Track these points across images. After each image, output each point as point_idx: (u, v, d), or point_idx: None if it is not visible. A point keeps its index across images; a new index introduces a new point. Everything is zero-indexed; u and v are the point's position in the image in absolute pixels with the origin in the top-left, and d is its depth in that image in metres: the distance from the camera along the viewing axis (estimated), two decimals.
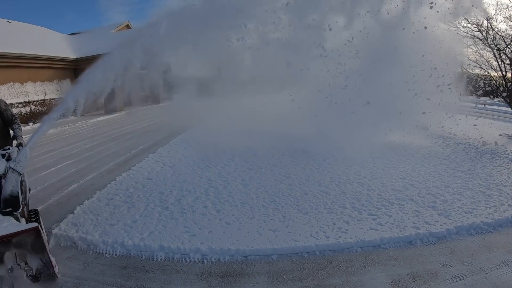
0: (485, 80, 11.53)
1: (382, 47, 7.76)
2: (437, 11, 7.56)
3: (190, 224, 4.13)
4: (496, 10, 10.60)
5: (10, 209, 3.05)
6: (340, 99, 7.59)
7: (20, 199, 3.11)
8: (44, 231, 3.10)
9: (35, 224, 2.87)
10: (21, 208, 3.14)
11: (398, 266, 3.26)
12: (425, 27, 7.49)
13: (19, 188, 3.13)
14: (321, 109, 8.26)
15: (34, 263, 2.84)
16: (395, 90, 7.42)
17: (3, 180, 3.07)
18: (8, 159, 3.25)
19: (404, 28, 7.48)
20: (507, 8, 10.59)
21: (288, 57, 8.19)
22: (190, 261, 3.42)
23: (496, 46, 10.48)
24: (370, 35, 7.73)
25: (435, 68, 7.70)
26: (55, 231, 3.97)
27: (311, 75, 8.62)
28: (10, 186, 3.05)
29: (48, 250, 2.75)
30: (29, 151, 3.27)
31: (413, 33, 7.46)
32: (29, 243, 2.82)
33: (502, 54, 10.48)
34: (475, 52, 11.35)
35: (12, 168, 3.07)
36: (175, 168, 6.78)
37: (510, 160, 7.16)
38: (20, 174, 3.13)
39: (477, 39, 10.93)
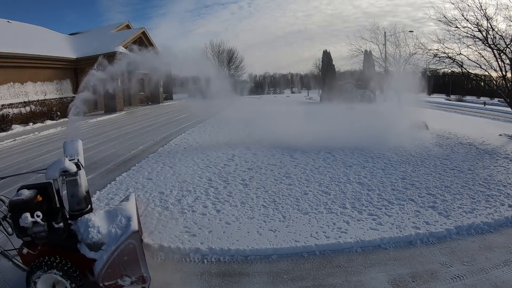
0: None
1: None
2: None
3: (190, 224, 4.13)
4: (496, 10, 10.59)
5: (90, 205, 2.92)
6: None
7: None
8: None
9: (132, 194, 3.26)
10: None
11: (398, 266, 3.25)
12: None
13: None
14: None
15: None
16: None
17: (77, 178, 2.82)
18: None
19: None
20: (507, 8, 10.58)
21: None
22: (190, 261, 3.42)
23: (496, 46, 10.47)
24: None
25: None
26: None
27: None
28: (83, 182, 2.88)
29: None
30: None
31: None
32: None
33: (502, 54, 10.47)
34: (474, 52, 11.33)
35: (80, 163, 2.88)
36: (175, 168, 6.78)
37: (510, 160, 7.16)
38: (83, 167, 2.92)
39: (477, 39, 10.92)
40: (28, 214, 2.50)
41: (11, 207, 2.53)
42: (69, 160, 2.83)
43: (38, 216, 2.54)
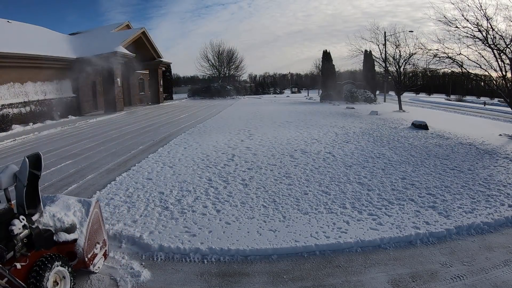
0: None
1: None
2: None
3: (190, 224, 4.13)
4: (496, 10, 10.60)
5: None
6: None
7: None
8: None
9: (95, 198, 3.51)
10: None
11: (398, 266, 3.25)
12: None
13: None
14: None
15: None
16: None
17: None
18: None
19: None
20: (507, 8, 10.58)
21: None
22: (190, 261, 3.41)
23: (496, 46, 10.47)
24: None
25: None
26: None
27: None
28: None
29: None
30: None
31: None
32: None
33: (502, 54, 10.47)
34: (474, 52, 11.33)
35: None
36: (175, 168, 6.78)
37: (510, 160, 7.16)
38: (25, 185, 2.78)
39: (477, 39, 10.92)
40: (16, 220, 2.46)
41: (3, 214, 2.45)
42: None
43: (23, 219, 2.50)
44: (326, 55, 32.30)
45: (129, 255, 3.51)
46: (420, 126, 11.72)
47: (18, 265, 2.42)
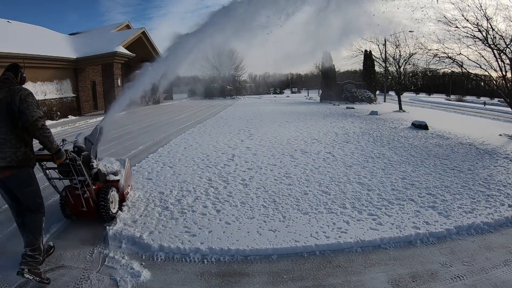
0: None
1: None
2: None
3: (190, 224, 4.13)
4: (495, 10, 10.61)
5: None
6: None
7: None
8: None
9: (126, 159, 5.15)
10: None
11: (398, 266, 3.25)
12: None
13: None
14: None
15: None
16: None
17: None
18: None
19: None
20: (507, 8, 10.59)
21: None
22: (190, 261, 3.41)
23: (496, 46, 10.48)
24: None
25: None
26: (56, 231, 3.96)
27: None
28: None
29: None
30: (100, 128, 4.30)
31: None
32: None
33: (502, 54, 10.47)
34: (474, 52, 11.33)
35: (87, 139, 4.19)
36: (175, 168, 6.78)
37: (510, 160, 7.16)
38: (92, 144, 4.14)
39: (477, 39, 10.93)
40: (94, 160, 4.07)
41: (85, 157, 3.82)
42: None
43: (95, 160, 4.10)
44: (326, 55, 32.28)
45: (129, 255, 3.51)
46: (420, 126, 11.72)
47: (94, 187, 3.98)
